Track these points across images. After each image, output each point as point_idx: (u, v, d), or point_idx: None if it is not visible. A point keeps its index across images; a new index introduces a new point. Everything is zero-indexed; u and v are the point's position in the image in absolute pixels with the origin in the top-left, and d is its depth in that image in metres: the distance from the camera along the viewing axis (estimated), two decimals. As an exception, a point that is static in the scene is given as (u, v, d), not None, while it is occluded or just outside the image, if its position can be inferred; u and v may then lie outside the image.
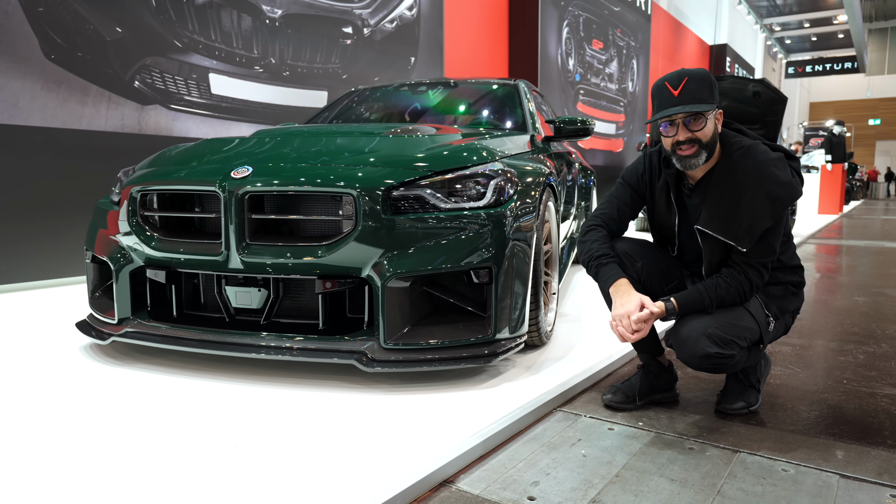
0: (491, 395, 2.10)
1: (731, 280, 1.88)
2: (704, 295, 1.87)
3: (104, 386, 2.17)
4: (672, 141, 1.91)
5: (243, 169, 2.27)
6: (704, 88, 1.87)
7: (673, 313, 1.88)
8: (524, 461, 1.70)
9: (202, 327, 2.31)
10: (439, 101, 3.95)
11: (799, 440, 1.84)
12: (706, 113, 1.86)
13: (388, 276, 2.12)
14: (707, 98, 1.86)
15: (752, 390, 2.07)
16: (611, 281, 1.94)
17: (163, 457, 1.64)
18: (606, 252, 2.01)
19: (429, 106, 3.91)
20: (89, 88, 4.25)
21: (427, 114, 3.84)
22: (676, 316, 1.90)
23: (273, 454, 1.66)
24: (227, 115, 5.14)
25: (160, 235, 2.38)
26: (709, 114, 1.87)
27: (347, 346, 2.16)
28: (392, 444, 1.72)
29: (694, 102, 1.85)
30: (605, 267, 1.98)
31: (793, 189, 1.84)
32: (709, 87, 1.87)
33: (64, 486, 1.48)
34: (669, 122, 1.89)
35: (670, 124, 1.89)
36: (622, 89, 12.46)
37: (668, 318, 1.90)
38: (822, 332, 3.18)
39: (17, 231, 3.97)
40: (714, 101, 1.87)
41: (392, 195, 2.19)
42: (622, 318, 1.86)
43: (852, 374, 2.48)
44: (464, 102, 3.97)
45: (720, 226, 1.88)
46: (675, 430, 1.92)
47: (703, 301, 1.87)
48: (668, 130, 1.90)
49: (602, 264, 1.99)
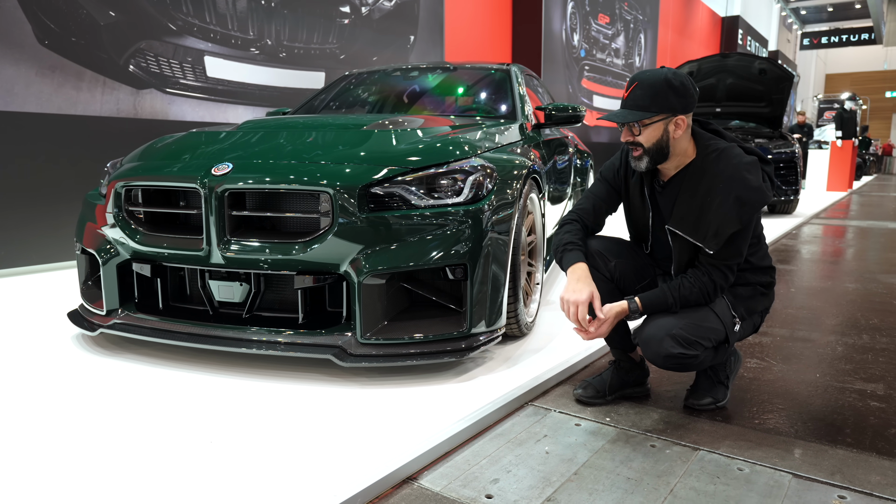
0: (465, 390, 2.16)
1: (696, 281, 1.91)
2: (668, 294, 1.91)
3: (87, 375, 2.25)
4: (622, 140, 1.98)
5: (223, 165, 2.30)
6: (648, 96, 1.88)
7: (636, 312, 1.92)
8: (488, 458, 1.76)
9: (187, 320, 2.38)
10: (431, 88, 3.94)
11: (760, 438, 1.89)
12: (644, 121, 1.88)
13: (364, 273, 2.17)
14: (647, 106, 1.88)
15: (721, 386, 2.11)
16: (569, 265, 2.00)
17: (135, 449, 1.71)
18: (572, 240, 2.07)
19: (420, 93, 3.91)
20: (84, 73, 4.28)
21: (418, 101, 3.84)
22: (640, 315, 1.93)
23: (243, 450, 1.72)
24: (224, 98, 5.16)
25: (144, 230, 2.43)
26: (647, 122, 1.89)
27: (325, 341, 2.22)
28: (360, 441, 1.78)
29: (634, 109, 1.90)
30: (569, 253, 2.04)
31: (762, 194, 1.86)
32: (653, 94, 1.88)
33: (34, 479, 1.55)
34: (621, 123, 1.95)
35: (621, 125, 1.95)
36: (629, 64, 12.30)
37: (632, 318, 1.94)
38: (806, 321, 3.20)
39: (17, 216, 4.04)
40: (658, 110, 1.88)
41: (368, 193, 2.22)
42: (570, 304, 1.91)
43: (827, 367, 2.51)
44: (455, 89, 3.96)
45: (689, 226, 1.90)
46: (641, 426, 1.96)
47: (666, 301, 1.91)
48: (622, 130, 1.97)
49: (567, 251, 2.05)
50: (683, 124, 1.94)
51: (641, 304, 1.92)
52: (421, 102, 3.85)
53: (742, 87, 8.61)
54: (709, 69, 8.52)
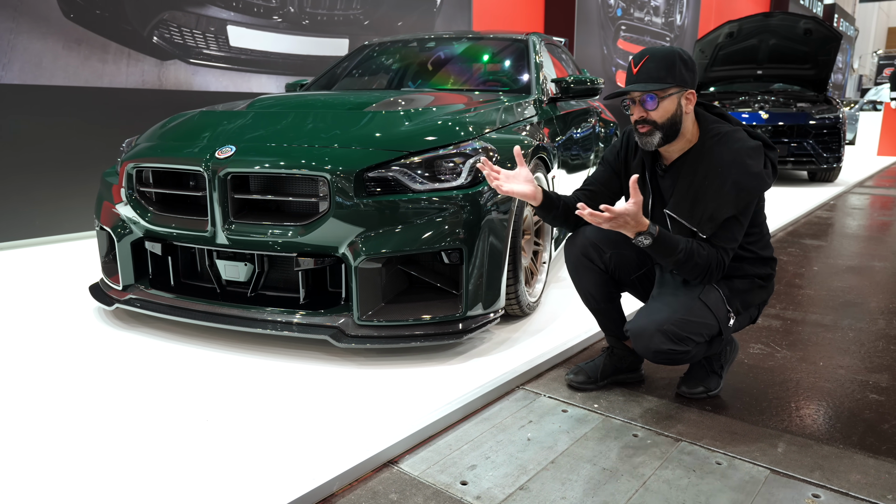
0: (458, 372, 2.20)
1: (709, 250, 1.84)
2: (681, 243, 1.79)
3: (101, 346, 2.38)
4: (632, 119, 1.91)
5: (227, 149, 2.36)
6: (662, 68, 1.84)
7: (649, 237, 1.75)
8: (470, 443, 1.81)
9: (196, 297, 2.48)
10: (446, 60, 3.90)
11: (746, 430, 1.89)
12: (659, 93, 1.83)
13: (360, 257, 2.21)
14: (664, 77, 1.83)
15: (714, 376, 2.11)
16: None
17: (133, 422, 1.82)
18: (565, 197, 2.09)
19: (435, 65, 3.87)
20: (109, 46, 4.37)
21: (432, 73, 3.82)
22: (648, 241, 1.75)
23: (233, 431, 1.81)
24: (247, 68, 5.20)
25: (155, 210, 2.52)
26: (664, 94, 1.84)
27: (323, 321, 2.29)
28: (348, 423, 1.85)
29: (648, 81, 1.83)
30: None
31: (761, 181, 1.81)
32: (668, 65, 1.84)
33: (26, 454, 1.67)
34: (631, 101, 1.89)
35: (632, 102, 1.89)
36: (669, 23, 11.82)
37: (639, 241, 1.77)
38: (822, 303, 3.13)
39: (51, 187, 4.20)
40: (674, 82, 1.84)
41: (365, 177, 2.25)
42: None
43: (833, 354, 2.47)
44: (471, 61, 3.91)
45: (685, 211, 1.87)
46: (627, 415, 1.98)
47: (677, 245, 1.79)
48: (630, 109, 1.91)
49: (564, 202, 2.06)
50: (693, 98, 1.90)
51: (658, 232, 1.76)
52: (435, 75, 3.82)
53: (785, 48, 8.23)
54: (750, 29, 8.16)
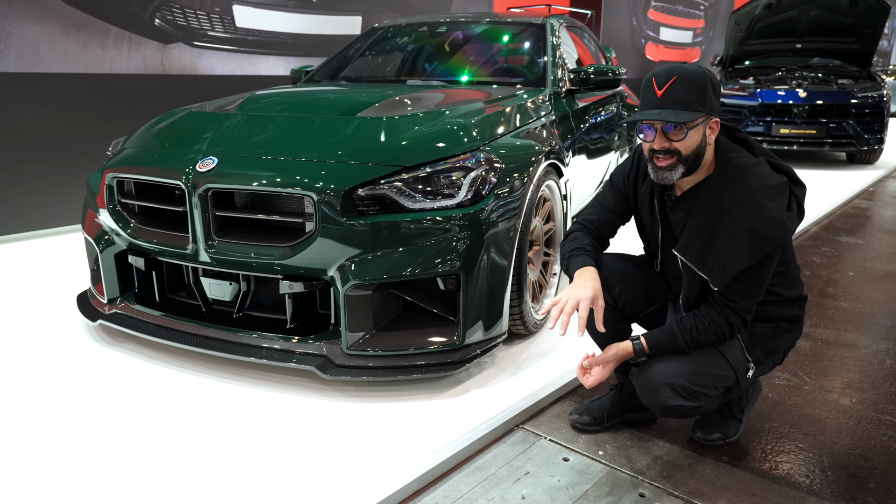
0: (454, 408, 2.04)
1: (710, 322, 1.67)
2: (678, 336, 1.69)
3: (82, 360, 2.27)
4: (649, 147, 1.67)
5: (209, 160, 2.19)
6: (693, 92, 1.60)
7: (642, 355, 1.73)
8: (459, 500, 1.66)
9: (181, 317, 2.34)
10: (459, 47, 3.66)
11: (767, 489, 1.70)
12: (689, 123, 1.60)
13: (349, 283, 2.04)
14: (694, 104, 1.59)
15: (734, 420, 1.92)
16: (576, 268, 1.79)
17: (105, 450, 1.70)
18: (579, 246, 1.85)
19: (446, 53, 3.64)
20: (108, 30, 4.20)
21: (442, 63, 3.59)
22: (646, 357, 1.74)
23: (205, 474, 1.68)
24: (254, 49, 4.99)
25: (137, 223, 2.37)
26: (693, 123, 1.60)
27: (309, 349, 2.13)
28: (326, 474, 1.71)
29: (677, 108, 1.59)
30: (576, 258, 1.83)
31: (782, 227, 1.58)
32: (699, 90, 1.60)
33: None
34: (649, 126, 1.65)
35: (650, 128, 1.65)
36: (704, -10, 11.23)
37: (637, 360, 1.75)
38: (857, 319, 2.87)
39: (52, 179, 4.10)
40: (704, 109, 1.60)
41: (355, 195, 2.07)
42: (570, 297, 1.69)
43: (868, 387, 2.25)
44: (484, 49, 3.65)
45: (695, 255, 1.66)
46: (634, 466, 1.81)
47: (676, 343, 1.70)
48: (647, 135, 1.66)
49: (574, 256, 1.84)
50: (717, 128, 1.67)
51: (648, 345, 1.72)
52: (446, 63, 3.59)
53: (828, 20, 7.73)
54: (791, 0, 7.67)
